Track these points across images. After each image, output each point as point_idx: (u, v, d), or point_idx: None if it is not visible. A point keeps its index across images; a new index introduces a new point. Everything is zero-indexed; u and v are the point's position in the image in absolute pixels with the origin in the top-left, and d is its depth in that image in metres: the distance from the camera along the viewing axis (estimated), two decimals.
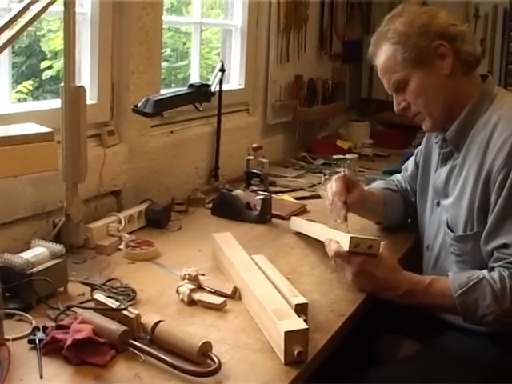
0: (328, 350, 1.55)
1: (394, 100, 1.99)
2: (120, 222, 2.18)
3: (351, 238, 1.74)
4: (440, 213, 2.00)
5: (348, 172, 2.18)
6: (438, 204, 2.02)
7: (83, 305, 1.58)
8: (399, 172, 2.44)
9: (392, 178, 2.46)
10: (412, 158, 2.33)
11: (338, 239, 1.82)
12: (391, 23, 1.93)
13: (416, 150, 2.31)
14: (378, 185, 2.42)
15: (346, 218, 2.00)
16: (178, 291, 1.72)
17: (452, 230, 1.89)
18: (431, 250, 2.05)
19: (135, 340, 1.42)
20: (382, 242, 1.77)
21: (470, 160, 1.84)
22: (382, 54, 1.94)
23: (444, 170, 1.98)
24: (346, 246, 1.75)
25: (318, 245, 2.08)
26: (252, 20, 3.32)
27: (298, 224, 2.34)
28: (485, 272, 1.71)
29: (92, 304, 1.58)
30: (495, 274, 1.68)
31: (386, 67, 1.95)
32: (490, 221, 1.74)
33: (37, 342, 1.41)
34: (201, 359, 1.37)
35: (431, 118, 1.93)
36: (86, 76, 2.32)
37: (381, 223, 2.38)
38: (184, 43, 3.27)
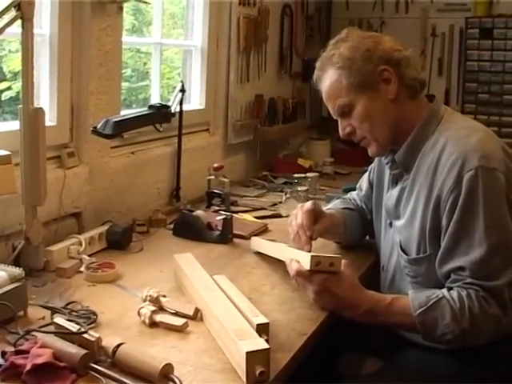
0: (290, 370, 1.54)
1: (340, 125, 2.00)
2: (81, 244, 2.16)
3: (312, 256, 1.74)
4: (393, 234, 2.01)
5: (315, 202, 2.13)
6: (391, 225, 2.03)
7: (43, 329, 1.56)
8: None
9: (348, 196, 2.47)
10: (365, 176, 2.34)
11: (299, 258, 1.82)
12: (336, 48, 1.93)
13: (369, 168, 2.31)
14: (336, 204, 2.41)
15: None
16: (139, 313, 1.71)
17: (406, 253, 1.90)
18: (386, 270, 2.06)
19: (96, 363, 1.41)
20: (343, 260, 1.77)
21: (420, 182, 1.85)
22: (327, 78, 1.94)
23: (395, 191, 1.99)
24: (307, 265, 1.74)
25: (279, 264, 2.08)
26: (212, 40, 3.34)
27: (258, 244, 2.34)
28: (444, 291, 1.72)
29: (52, 328, 1.56)
30: (454, 294, 1.69)
31: (331, 92, 1.95)
32: (443, 244, 1.75)
33: None
34: (162, 381, 1.36)
35: (377, 143, 1.95)
36: (45, 97, 2.31)
37: (340, 243, 2.38)
38: (145, 63, 3.26)
